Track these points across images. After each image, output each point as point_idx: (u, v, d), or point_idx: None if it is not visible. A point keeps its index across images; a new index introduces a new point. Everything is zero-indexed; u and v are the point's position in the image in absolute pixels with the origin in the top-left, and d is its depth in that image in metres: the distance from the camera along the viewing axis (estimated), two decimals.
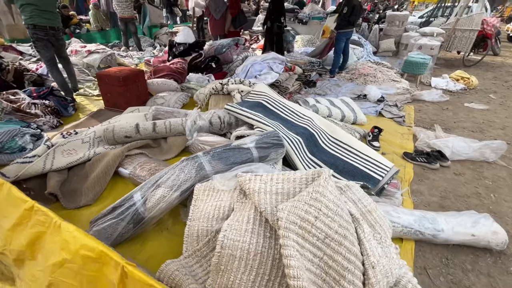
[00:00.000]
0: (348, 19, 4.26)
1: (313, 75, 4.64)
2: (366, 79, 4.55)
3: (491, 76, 5.44)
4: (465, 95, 4.20)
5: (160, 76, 3.49)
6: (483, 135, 2.88)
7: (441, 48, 5.87)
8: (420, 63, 4.49)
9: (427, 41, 5.16)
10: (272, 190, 1.23)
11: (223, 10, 5.21)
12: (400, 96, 3.96)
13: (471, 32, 5.52)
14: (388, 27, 7.31)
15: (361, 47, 6.32)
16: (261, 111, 2.32)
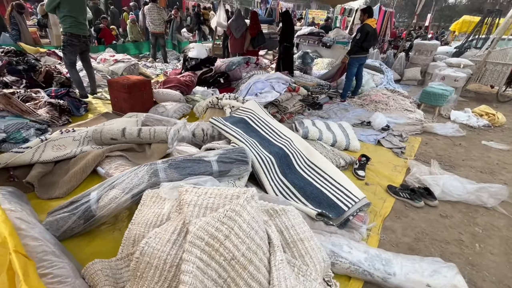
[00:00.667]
0: (361, 45, 4.22)
1: (322, 97, 4.60)
2: (377, 106, 4.39)
3: None
4: (487, 132, 3.84)
5: (168, 87, 3.72)
6: (493, 177, 2.58)
7: (470, 81, 5.48)
8: (438, 94, 4.24)
9: (452, 72, 4.86)
10: (203, 204, 1.23)
11: (243, 30, 5.49)
12: (410, 127, 3.74)
13: (504, 66, 5.10)
14: (415, 56, 7.06)
15: (381, 74, 6.15)
16: (243, 127, 2.35)
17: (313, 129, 2.89)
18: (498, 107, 5.30)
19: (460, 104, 5.19)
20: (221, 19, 5.48)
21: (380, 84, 5.88)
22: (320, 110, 4.20)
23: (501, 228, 1.87)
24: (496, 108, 5.21)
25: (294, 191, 1.92)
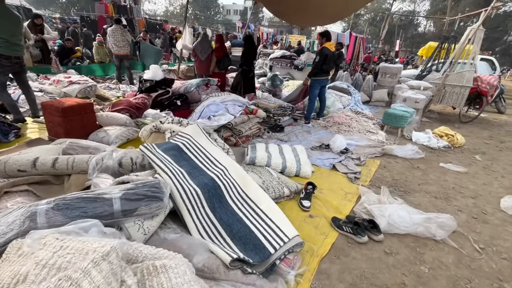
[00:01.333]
0: (320, 67, 4.22)
1: (286, 119, 4.50)
2: (339, 128, 4.32)
3: (486, 135, 5.01)
4: (447, 153, 3.80)
5: (115, 110, 3.48)
6: (447, 203, 2.45)
7: (432, 102, 5.61)
8: (399, 116, 4.24)
9: (413, 94, 4.95)
10: (56, 263, 0.96)
11: (209, 52, 5.45)
12: (370, 149, 3.65)
13: (462, 88, 5.28)
14: (381, 78, 7.28)
15: (349, 95, 6.22)
16: (174, 154, 2.12)
17: (261, 155, 2.70)
18: (460, 127, 5.41)
19: (424, 125, 5.25)
20: (187, 42, 5.43)
21: (347, 105, 5.92)
22: (281, 132, 4.07)
23: (449, 266, 1.68)
24: (458, 128, 5.31)
25: (220, 230, 1.67)
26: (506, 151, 4.10)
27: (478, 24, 4.93)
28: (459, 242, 1.89)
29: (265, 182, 2.26)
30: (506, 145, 4.45)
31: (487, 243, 1.92)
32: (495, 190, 2.77)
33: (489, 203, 2.50)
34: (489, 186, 2.86)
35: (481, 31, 5.05)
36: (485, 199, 2.57)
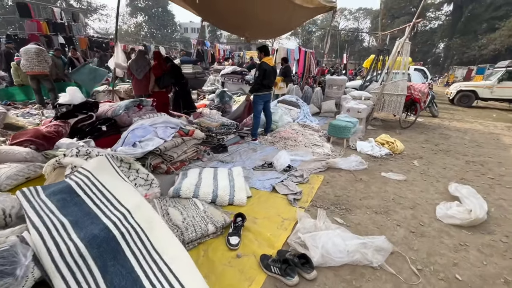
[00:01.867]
0: (261, 83, 4.10)
1: (231, 138, 4.25)
2: (286, 143, 4.19)
3: (423, 138, 5.33)
4: (388, 161, 3.86)
5: (16, 142, 2.88)
6: (387, 217, 2.35)
7: (374, 111, 5.87)
8: (342, 127, 4.26)
9: (355, 104, 5.09)
10: None
11: (146, 70, 5.04)
12: (315, 164, 3.53)
13: (398, 96, 5.61)
14: (329, 90, 7.53)
15: (298, 108, 6.24)
16: (63, 199, 1.68)
17: (188, 184, 2.37)
18: (401, 133, 5.70)
19: (369, 133, 5.42)
20: (119, 60, 4.97)
21: (297, 118, 5.91)
22: (224, 153, 3.78)
23: None
24: (399, 134, 5.58)
25: None
26: (440, 154, 4.33)
27: (404, 38, 5.34)
28: (397, 266, 1.74)
29: (185, 219, 1.92)
30: (440, 147, 4.74)
31: (424, 263, 1.80)
32: (431, 197, 2.79)
33: (426, 212, 2.47)
34: (426, 193, 2.87)
35: (407, 44, 5.48)
36: (423, 208, 2.54)
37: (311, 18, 6.64)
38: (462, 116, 8.54)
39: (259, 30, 6.50)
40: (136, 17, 49.73)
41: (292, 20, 5.67)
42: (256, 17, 5.13)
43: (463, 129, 6.45)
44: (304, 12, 5.40)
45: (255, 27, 5.90)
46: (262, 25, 5.83)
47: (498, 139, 5.59)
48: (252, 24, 5.59)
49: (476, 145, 5.03)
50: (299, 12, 5.13)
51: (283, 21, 5.39)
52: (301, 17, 6.05)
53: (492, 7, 34.47)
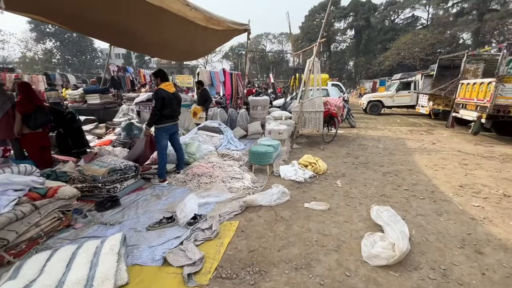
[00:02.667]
0: (160, 113, 3.41)
1: (131, 183, 3.36)
2: (200, 181, 3.53)
3: (344, 152, 5.40)
4: (312, 185, 3.58)
5: None
6: (309, 274, 1.87)
7: (297, 129, 5.77)
8: (263, 153, 3.85)
9: (275, 126, 4.84)
10: None
11: (7, 108, 3.78)
12: (233, 204, 2.95)
13: (316, 113, 5.66)
14: (253, 111, 7.30)
15: (221, 134, 5.72)
16: None
17: None
18: (325, 148, 5.71)
19: (294, 153, 5.22)
20: None
21: (219, 145, 5.36)
22: (115, 207, 2.87)
23: None
24: (323, 150, 5.56)
25: None
26: (360, 168, 4.32)
27: (313, 56, 5.48)
28: None
29: None
30: (360, 160, 4.80)
31: None
32: (355, 227, 2.48)
33: (352, 253, 2.10)
34: (350, 223, 2.57)
35: (317, 62, 5.64)
36: (348, 247, 2.18)
37: (227, 41, 6.42)
38: (374, 124, 9.45)
39: (163, 51, 5.91)
40: (44, 43, 43.71)
41: (200, 42, 5.26)
42: (153, 37, 4.52)
43: (376, 137, 6.96)
44: (216, 35, 5.10)
45: (155, 46, 5.27)
46: (162, 45, 5.24)
47: (404, 144, 6.12)
48: (151, 43, 4.95)
49: (389, 153, 5.33)
50: (209, 35, 4.80)
51: (187, 42, 4.92)
52: (213, 39, 5.70)
53: (382, 31, 42.50)
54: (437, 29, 35.14)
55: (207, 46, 6.23)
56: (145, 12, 3.54)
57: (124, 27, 4.14)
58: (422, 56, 33.12)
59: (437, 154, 5.17)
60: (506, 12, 31.35)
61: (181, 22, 3.81)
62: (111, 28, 4.21)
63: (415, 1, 41.39)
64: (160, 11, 3.13)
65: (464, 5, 35.95)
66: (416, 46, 33.27)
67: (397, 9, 43.46)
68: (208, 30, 4.51)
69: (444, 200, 3.05)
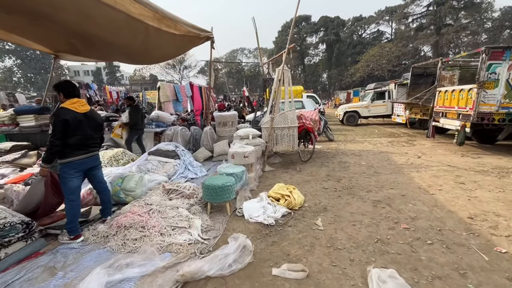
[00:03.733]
0: (63, 143, 2.37)
1: (18, 249, 2.23)
2: (126, 236, 2.47)
3: (324, 173, 4.60)
4: (285, 230, 2.66)
5: None
6: None
7: (267, 149, 4.91)
8: (219, 188, 2.90)
9: (239, 148, 3.93)
10: None
11: None
12: (167, 275, 1.95)
13: (290, 129, 4.87)
14: (220, 128, 6.37)
15: (176, 159, 4.70)
16: None
17: None
18: (301, 169, 4.88)
19: (266, 178, 4.33)
20: None
21: (174, 173, 4.34)
22: None
23: None
24: (300, 171, 4.73)
25: None
26: (345, 197, 3.50)
27: (282, 65, 4.74)
28: None
29: None
30: (342, 183, 4.01)
31: None
32: None
33: None
34: None
35: (287, 71, 4.92)
36: None
37: (188, 48, 5.59)
38: (353, 136, 8.91)
39: (110, 52, 4.90)
40: (3, 60, 40.64)
41: (155, 46, 4.38)
42: (97, 36, 3.56)
43: (357, 152, 6.30)
44: (174, 40, 4.30)
45: (100, 47, 4.28)
46: (108, 47, 4.28)
47: (388, 159, 5.48)
48: (93, 44, 3.97)
49: (374, 171, 4.61)
50: (165, 39, 4.04)
51: (137, 44, 4.01)
52: (171, 45, 4.79)
53: (351, 45, 44.46)
54: (401, 42, 37.29)
55: (165, 52, 5.30)
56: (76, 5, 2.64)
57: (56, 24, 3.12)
58: (390, 68, 34.75)
59: (427, 171, 4.53)
60: (460, 26, 34.06)
61: (125, 19, 2.93)
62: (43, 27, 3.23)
63: (379, 17, 44.04)
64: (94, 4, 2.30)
65: (422, 21, 38.66)
66: (383, 58, 34.89)
67: (364, 25, 45.88)
68: (162, 32, 3.74)
69: (459, 245, 2.27)
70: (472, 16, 34.15)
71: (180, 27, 4.05)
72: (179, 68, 45.19)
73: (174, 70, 44.94)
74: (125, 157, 5.23)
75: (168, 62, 43.97)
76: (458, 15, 35.72)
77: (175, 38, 4.30)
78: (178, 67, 44.95)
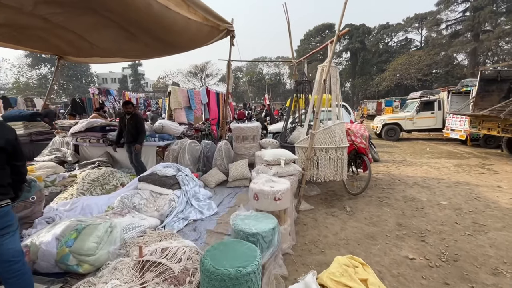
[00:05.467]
0: None
1: None
2: None
3: (391, 220, 3.02)
4: None
5: None
6: None
7: (304, 179, 3.40)
8: (230, 280, 1.46)
9: (265, 183, 2.47)
10: None
11: None
12: None
13: (338, 150, 3.37)
14: (237, 144, 5.01)
15: (176, 189, 3.34)
16: None
17: None
18: (353, 210, 3.35)
19: (303, 227, 2.85)
20: None
21: (170, 213, 2.97)
22: None
23: None
24: (351, 214, 3.19)
25: None
26: (439, 282, 1.93)
27: (329, 59, 3.31)
28: None
29: None
30: (435, 248, 2.41)
31: None
32: None
33: None
34: None
35: (334, 68, 3.48)
36: None
37: (202, 42, 4.51)
38: (401, 155, 7.18)
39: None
40: (39, 68, 43.07)
41: (162, 29, 3.32)
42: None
43: (421, 180, 4.63)
44: (187, 27, 3.29)
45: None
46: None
47: (480, 197, 3.76)
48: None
49: (473, 222, 2.96)
50: (178, 23, 3.26)
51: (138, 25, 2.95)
52: (182, 32, 3.67)
53: (377, 54, 42.20)
54: (433, 50, 34.68)
55: (174, 40, 4.14)
56: None
57: None
58: (420, 77, 32.26)
59: None
60: (503, 32, 30.96)
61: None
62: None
63: (407, 25, 41.65)
64: None
65: (457, 27, 35.84)
66: (412, 67, 32.47)
67: (390, 32, 43.57)
68: (171, 12, 2.78)
69: None
70: None
71: (193, 10, 2.96)
72: (201, 76, 45.24)
73: (196, 78, 45.07)
74: (113, 180, 4.00)
75: (190, 70, 44.16)
76: (497, 21, 32.62)
77: (189, 24, 3.19)
78: (200, 75, 45.02)
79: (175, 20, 3.13)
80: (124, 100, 6.54)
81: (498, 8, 32.63)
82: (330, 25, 45.46)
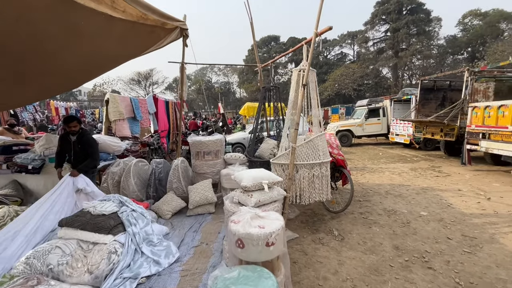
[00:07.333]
0: None
1: None
2: None
3: (386, 243, 2.67)
4: None
5: None
6: None
7: (284, 210, 2.83)
8: None
9: (250, 223, 1.80)
10: None
11: None
12: None
13: (322, 166, 2.92)
14: (197, 162, 4.21)
15: (119, 234, 2.40)
16: None
17: None
18: (342, 235, 2.91)
19: (292, 264, 2.26)
20: None
21: (111, 271, 2.04)
22: None
23: None
24: (341, 240, 2.73)
25: None
26: None
27: (308, 61, 2.87)
28: None
29: None
30: (448, 279, 2.10)
31: None
32: None
33: None
34: None
35: (312, 71, 3.07)
36: None
37: (149, 45, 3.40)
38: (360, 161, 7.32)
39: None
40: None
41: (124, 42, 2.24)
42: None
43: (391, 189, 4.57)
44: (115, 29, 2.21)
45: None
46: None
47: (450, 204, 3.78)
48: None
49: (462, 235, 2.83)
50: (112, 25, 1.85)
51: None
52: (112, 36, 2.58)
53: (318, 66, 45.84)
54: (364, 63, 39.36)
55: (98, 44, 3.01)
56: None
57: None
58: (355, 87, 36.14)
59: None
60: (415, 50, 36.90)
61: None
62: None
63: (342, 41, 46.54)
64: None
65: (382, 45, 41.46)
66: (348, 78, 36.23)
67: (329, 47, 47.92)
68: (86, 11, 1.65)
69: None
70: (422, 42, 37.35)
71: (121, 6, 2.06)
72: (145, 84, 41.66)
73: (139, 86, 41.31)
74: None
75: (132, 77, 40.12)
76: (410, 41, 38.86)
77: (112, 25, 2.24)
78: (144, 83, 41.42)
79: (88, 20, 2.06)
80: (65, 116, 4.97)
81: (410, 30, 38.89)
82: (275, 37, 47.64)
